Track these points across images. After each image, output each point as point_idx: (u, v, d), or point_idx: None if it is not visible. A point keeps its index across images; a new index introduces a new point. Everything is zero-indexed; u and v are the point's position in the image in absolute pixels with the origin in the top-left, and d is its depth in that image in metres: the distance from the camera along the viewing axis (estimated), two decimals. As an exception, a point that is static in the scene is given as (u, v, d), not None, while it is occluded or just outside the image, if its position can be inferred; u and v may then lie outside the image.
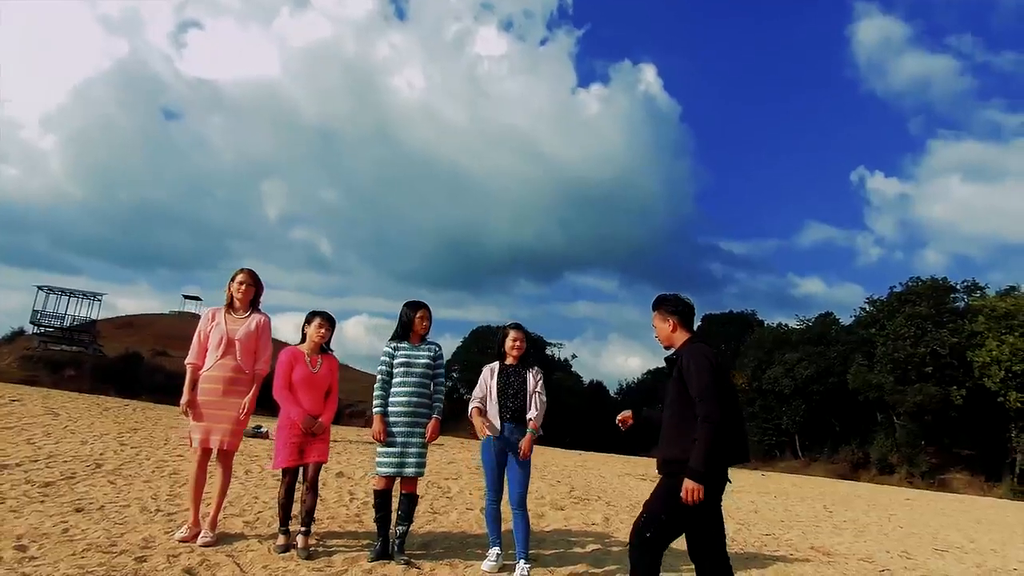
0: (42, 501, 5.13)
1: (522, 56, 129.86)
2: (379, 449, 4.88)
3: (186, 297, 75.52)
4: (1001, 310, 39.75)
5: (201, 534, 4.69)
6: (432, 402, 4.99)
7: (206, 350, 4.97)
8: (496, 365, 5.14)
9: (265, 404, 5.49)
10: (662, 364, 3.99)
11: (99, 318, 49.07)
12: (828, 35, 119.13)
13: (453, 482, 8.75)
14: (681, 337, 3.77)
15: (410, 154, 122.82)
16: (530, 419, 5.08)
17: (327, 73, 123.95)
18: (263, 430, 10.92)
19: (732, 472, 3.62)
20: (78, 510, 5.01)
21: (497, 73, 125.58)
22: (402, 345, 5.01)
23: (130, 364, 41.71)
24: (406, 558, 4.78)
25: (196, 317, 74.66)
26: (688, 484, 3.29)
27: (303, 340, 5.13)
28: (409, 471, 4.84)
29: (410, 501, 4.92)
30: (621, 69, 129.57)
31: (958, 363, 40.42)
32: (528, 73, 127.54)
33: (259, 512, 5.74)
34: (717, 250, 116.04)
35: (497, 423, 4.89)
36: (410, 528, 5.00)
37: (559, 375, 52.32)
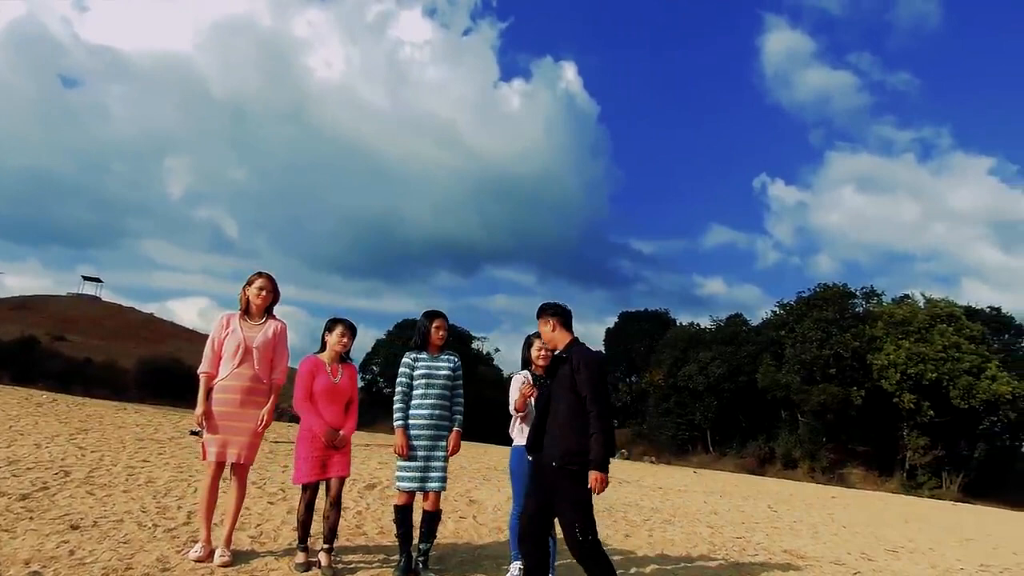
0: (30, 518, 4.72)
1: (445, 44, 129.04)
2: (399, 463, 4.77)
3: (85, 278, 71.18)
4: (898, 316, 42.92)
5: (217, 553, 4.45)
6: (452, 414, 4.92)
7: (220, 359, 4.70)
8: (528, 375, 5.09)
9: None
10: None
11: (-10, 298, 45.35)
12: (739, 45, 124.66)
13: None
14: (563, 337, 4.12)
15: (326, 136, 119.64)
16: None
17: (240, 47, 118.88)
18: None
19: (670, 471, 4.04)
20: (74, 527, 4.64)
21: (419, 59, 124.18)
22: (422, 356, 4.90)
23: (26, 349, 38.75)
24: (433, 574, 4.70)
25: (96, 300, 70.22)
26: (596, 475, 3.70)
27: (322, 348, 4.94)
28: (433, 485, 4.75)
29: (433, 518, 4.82)
30: (543, 65, 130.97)
31: (858, 365, 43.38)
32: (450, 62, 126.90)
33: (259, 525, 5.50)
34: (628, 249, 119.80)
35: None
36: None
37: (483, 369, 52.54)
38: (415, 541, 4.81)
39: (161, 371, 42.99)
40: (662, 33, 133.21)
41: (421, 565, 4.74)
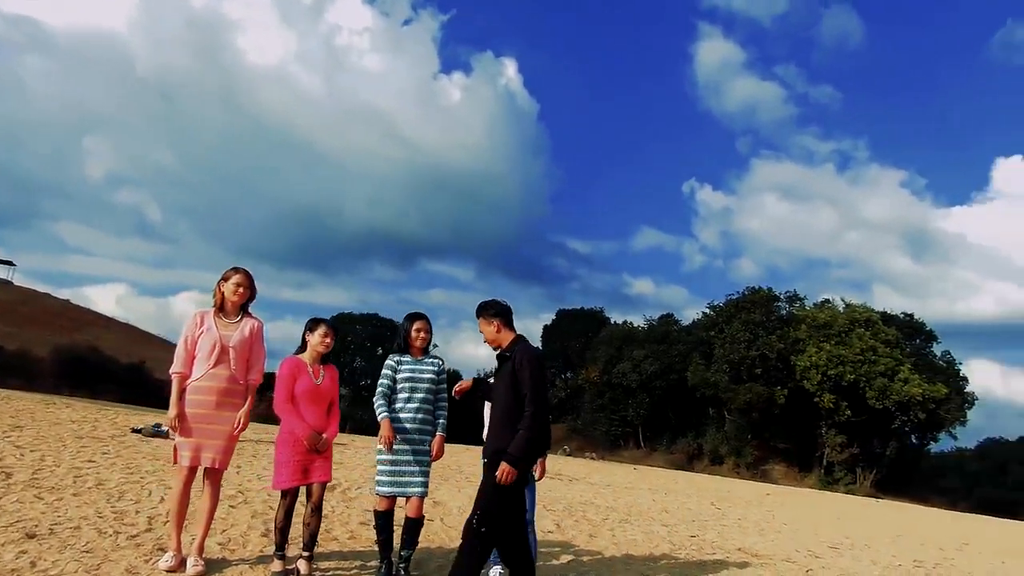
0: (-21, 526, 4.38)
1: (385, 33, 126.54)
2: (380, 468, 4.68)
3: (-5, 261, 66.80)
4: (820, 320, 45.01)
5: (190, 562, 4.25)
6: (436, 419, 4.85)
7: (194, 358, 4.47)
8: None
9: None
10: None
11: None
12: (673, 51, 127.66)
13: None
14: (507, 336, 4.11)
15: (258, 121, 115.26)
16: None
17: (169, 26, 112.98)
18: (164, 429, 9.91)
19: (611, 468, 4.13)
20: (30, 536, 4.34)
21: (358, 46, 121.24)
22: (404, 359, 4.82)
23: (-72, 335, 35.94)
24: (416, 581, 4.63)
25: (8, 284, 65.61)
26: (505, 467, 3.68)
27: (303, 349, 4.79)
28: (415, 490, 4.68)
29: (416, 524, 4.74)
30: (484, 60, 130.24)
31: (783, 366, 45.27)
32: (390, 51, 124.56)
33: (224, 531, 5.28)
34: (564, 248, 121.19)
35: None
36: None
37: (420, 364, 52.07)
38: (396, 547, 4.73)
39: (78, 360, 40.87)
40: (600, 35, 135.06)
41: (403, 571, 4.66)
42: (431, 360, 4.90)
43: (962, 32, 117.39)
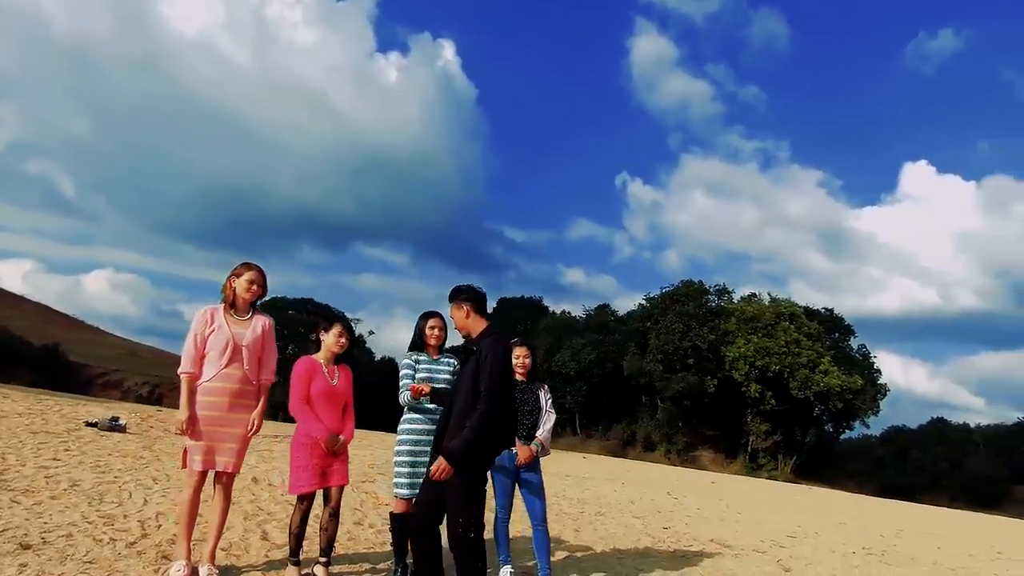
0: (-33, 536, 4.06)
1: (318, 7, 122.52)
2: (398, 469, 4.62)
3: None
4: (748, 313, 46.82)
5: (203, 571, 4.09)
6: (450, 419, 4.82)
7: (203, 357, 4.27)
8: None
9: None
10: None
11: None
12: (611, 44, 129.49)
13: (374, 486, 8.39)
14: (477, 324, 3.96)
15: (181, 92, 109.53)
16: (537, 435, 5.13)
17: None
18: (121, 422, 9.39)
19: (561, 457, 4.11)
20: (24, 546, 4.06)
21: (289, 19, 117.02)
22: (421, 357, 4.78)
23: None
24: (432, 584, 4.58)
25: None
26: (441, 463, 3.55)
27: (317, 348, 4.65)
28: (431, 492, 4.63)
29: (432, 524, 4.70)
30: (421, 41, 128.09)
31: (713, 357, 46.91)
32: (324, 26, 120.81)
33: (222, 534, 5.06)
34: (501, 236, 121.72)
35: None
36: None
37: (355, 351, 51.34)
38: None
39: (-14, 342, 38.29)
40: (539, 22, 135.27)
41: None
42: (447, 360, 4.85)
43: (878, 42, 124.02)
